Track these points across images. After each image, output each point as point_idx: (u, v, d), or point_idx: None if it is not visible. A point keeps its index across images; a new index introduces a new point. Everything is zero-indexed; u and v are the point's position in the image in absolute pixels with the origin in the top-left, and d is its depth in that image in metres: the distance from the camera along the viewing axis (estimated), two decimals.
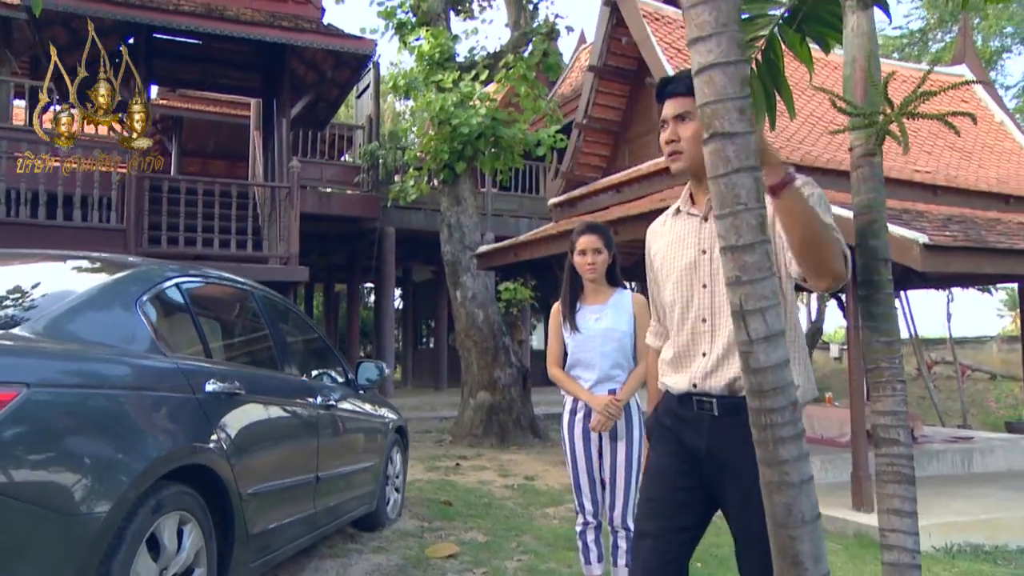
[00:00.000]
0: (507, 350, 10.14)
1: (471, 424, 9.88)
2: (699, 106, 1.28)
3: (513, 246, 8.23)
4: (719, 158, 1.26)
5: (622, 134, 8.29)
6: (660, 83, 1.97)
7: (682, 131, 1.89)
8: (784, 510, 1.25)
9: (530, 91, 10.29)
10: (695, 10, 1.26)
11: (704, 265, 1.91)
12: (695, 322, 1.91)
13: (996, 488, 6.33)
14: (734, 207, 1.25)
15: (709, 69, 1.25)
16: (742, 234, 1.25)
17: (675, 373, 1.97)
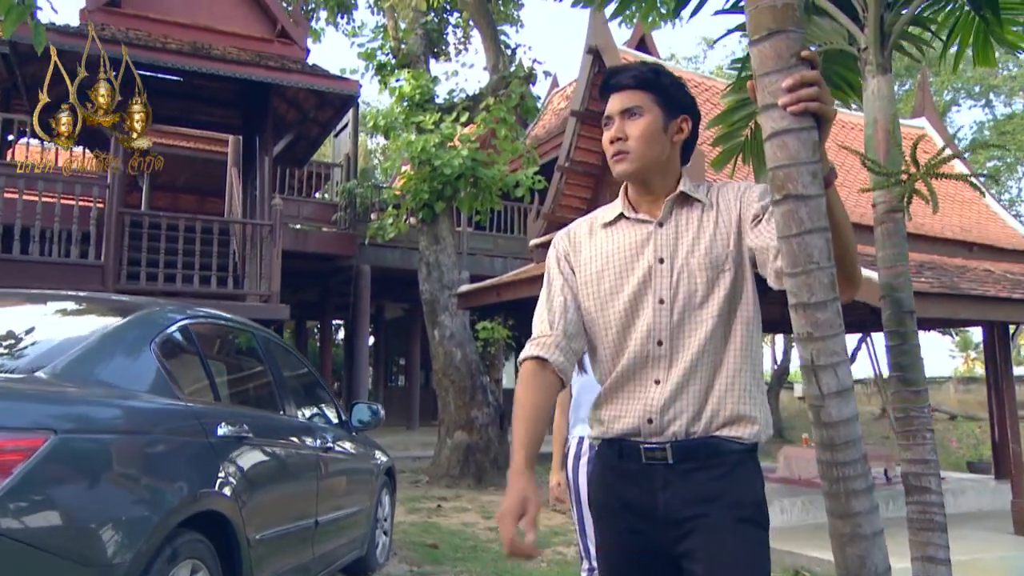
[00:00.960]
0: (484, 389, 10.09)
1: (448, 464, 9.77)
2: (772, 168, 1.33)
3: (496, 286, 8.26)
4: (792, 219, 1.31)
5: (603, 177, 8.44)
6: (606, 75, 1.68)
7: (630, 128, 1.59)
8: (858, 562, 1.28)
9: (509, 133, 10.45)
10: (768, 78, 1.32)
11: (662, 277, 1.58)
12: (645, 344, 1.57)
13: (971, 529, 6.46)
14: (807, 266, 1.30)
15: (783, 134, 1.30)
16: (815, 292, 1.30)
17: (615, 406, 1.61)
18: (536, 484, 1.53)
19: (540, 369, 1.61)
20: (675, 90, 1.63)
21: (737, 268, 1.54)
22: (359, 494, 4.46)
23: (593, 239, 1.70)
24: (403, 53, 11.13)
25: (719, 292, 1.53)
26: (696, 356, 1.52)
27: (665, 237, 1.60)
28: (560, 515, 7.28)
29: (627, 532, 1.58)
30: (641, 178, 1.62)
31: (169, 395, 2.57)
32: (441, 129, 9.92)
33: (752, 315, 1.57)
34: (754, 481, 1.51)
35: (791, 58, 1.30)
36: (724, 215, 1.58)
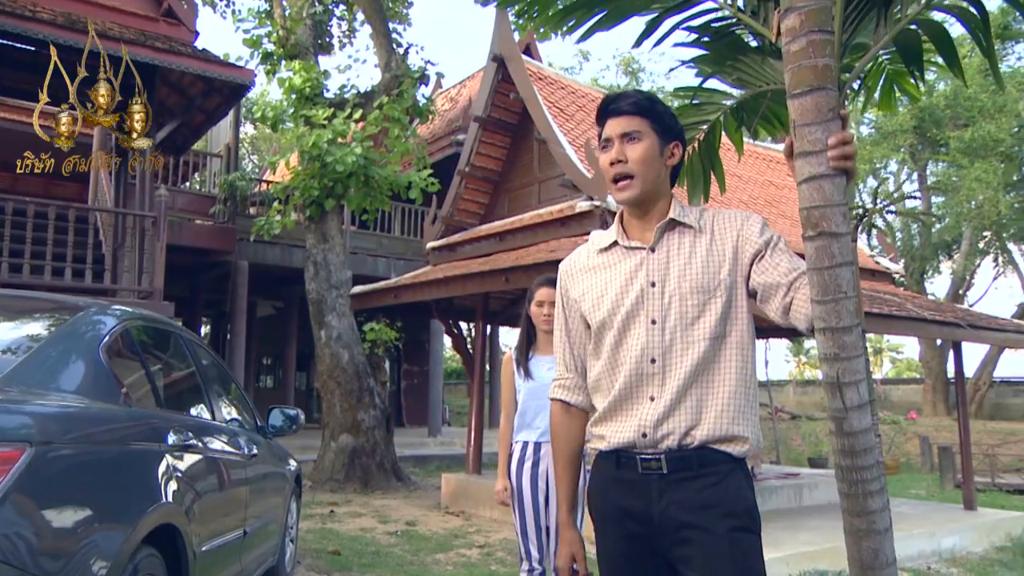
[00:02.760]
0: (371, 392, 9.96)
1: (332, 468, 9.56)
2: (807, 208, 1.51)
3: (395, 288, 8.21)
4: (825, 253, 1.49)
5: (502, 184, 8.60)
6: (604, 101, 1.80)
7: (630, 152, 1.71)
8: (871, 554, 1.48)
9: (401, 133, 10.39)
10: (807, 128, 1.49)
11: (653, 299, 1.69)
12: (640, 363, 1.68)
13: (828, 520, 7.17)
14: (836, 295, 1.48)
15: (819, 179, 1.48)
16: (842, 318, 1.48)
17: (612, 423, 1.72)
18: (416, 488, 1.69)
19: (567, 414, 1.87)
20: (668, 117, 1.78)
21: (730, 294, 1.67)
22: (276, 502, 4.33)
23: (591, 268, 1.83)
24: (291, 43, 10.78)
25: (710, 315, 1.66)
26: (689, 375, 1.64)
27: (657, 262, 1.72)
28: (456, 518, 7.36)
29: (627, 537, 1.69)
30: (640, 201, 1.74)
31: (121, 402, 2.42)
32: (334, 125, 9.70)
33: (747, 340, 1.70)
34: (745, 489, 1.65)
35: (828, 112, 1.48)
36: (718, 243, 1.71)
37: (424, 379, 15.66)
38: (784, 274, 1.64)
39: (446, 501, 7.96)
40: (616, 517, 1.71)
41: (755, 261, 1.68)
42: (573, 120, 7.85)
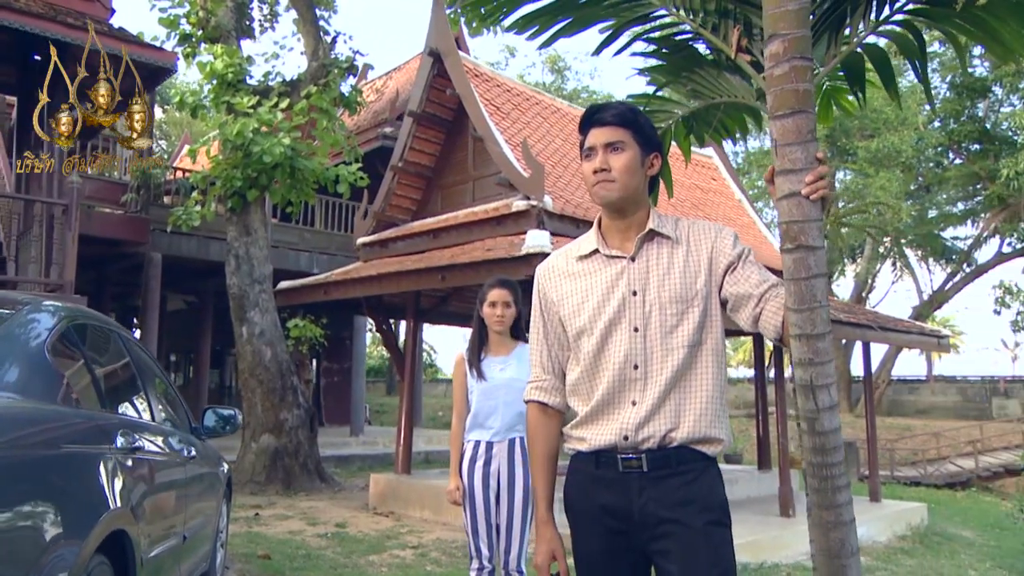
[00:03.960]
0: (295, 390, 9.77)
1: (253, 469, 9.33)
2: (787, 222, 1.63)
3: (324, 284, 8.08)
4: (802, 265, 1.61)
5: (436, 180, 8.59)
6: (589, 111, 1.86)
7: (613, 161, 1.78)
8: (839, 544, 1.61)
9: (329, 125, 10.22)
10: (789, 148, 1.61)
11: (635, 307, 1.77)
12: (623, 369, 1.76)
13: (749, 513, 7.54)
14: (811, 304, 1.61)
15: (799, 196, 1.60)
16: (816, 325, 1.61)
17: (594, 426, 1.80)
18: (340, 489, 1.75)
19: (543, 414, 1.93)
20: (649, 129, 1.87)
21: (706, 303, 1.78)
22: (210, 506, 4.23)
23: (571, 273, 1.90)
24: (212, 26, 10.42)
25: (688, 324, 1.76)
26: (669, 380, 1.74)
27: (637, 272, 1.80)
28: (386, 519, 7.33)
29: (606, 534, 1.77)
30: (620, 206, 1.81)
31: (70, 403, 2.34)
32: (259, 113, 9.45)
33: (721, 347, 1.80)
34: (718, 485, 1.78)
35: (808, 133, 1.60)
36: (694, 254, 1.81)
37: (345, 377, 15.43)
38: (755, 285, 1.75)
39: (375, 502, 7.91)
40: (595, 514, 1.78)
41: (728, 272, 1.79)
42: (509, 118, 7.94)
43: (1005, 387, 23.89)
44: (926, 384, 25.15)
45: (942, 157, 22.85)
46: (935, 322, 26.35)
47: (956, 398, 24.72)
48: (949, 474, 16.91)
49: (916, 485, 15.52)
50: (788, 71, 1.60)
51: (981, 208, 23.23)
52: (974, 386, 24.89)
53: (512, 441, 3.42)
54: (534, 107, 8.64)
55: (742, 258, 1.80)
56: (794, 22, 1.59)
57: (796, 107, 1.61)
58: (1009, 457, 17.62)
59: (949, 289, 25.22)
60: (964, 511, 11.24)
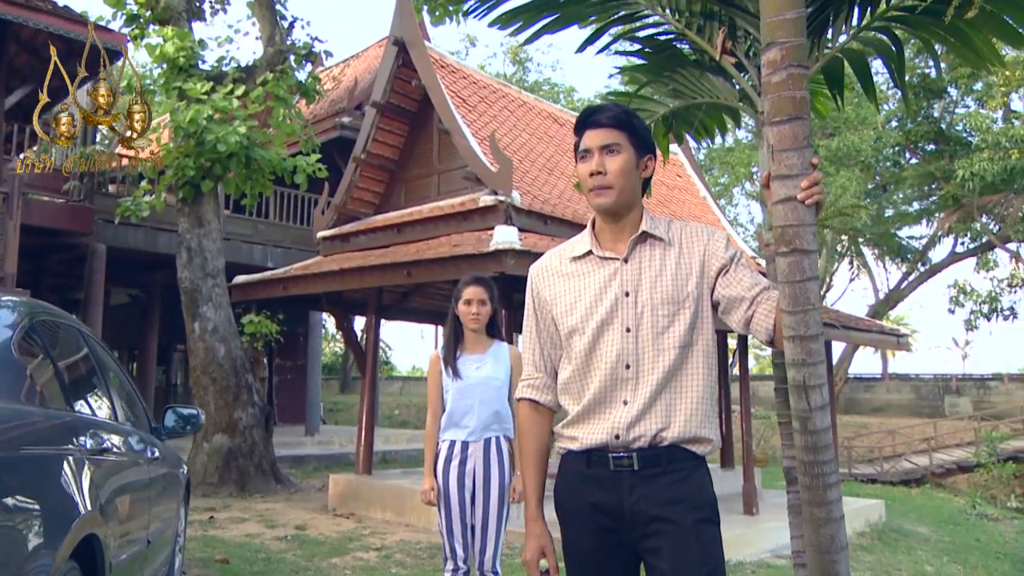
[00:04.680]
0: (250, 388, 9.65)
1: (205, 471, 9.19)
2: (782, 226, 1.70)
3: (283, 279, 8.01)
4: (796, 268, 1.69)
5: (399, 173, 8.57)
6: (584, 113, 1.92)
7: (609, 164, 1.84)
8: (828, 540, 1.70)
9: (287, 113, 10.09)
10: (785, 153, 1.68)
11: (627, 308, 1.84)
12: (615, 368, 1.83)
13: None
14: (805, 306, 1.69)
15: (794, 201, 1.68)
16: (810, 327, 1.69)
17: (586, 424, 1.86)
18: (297, 490, 1.81)
19: (535, 412, 1.99)
20: (644, 131, 1.93)
21: (697, 305, 1.85)
22: (172, 509, 4.17)
23: (565, 273, 1.96)
24: (161, 6, 10.19)
25: (680, 325, 1.83)
26: (661, 380, 1.80)
27: (630, 273, 1.87)
28: (347, 520, 7.31)
29: (596, 531, 1.83)
30: (615, 210, 1.88)
31: (38, 403, 2.30)
32: (213, 100, 9.28)
33: (711, 348, 1.88)
34: (708, 484, 1.85)
35: (804, 140, 1.68)
36: (686, 257, 1.88)
37: (299, 374, 15.27)
38: (747, 288, 1.83)
39: (334, 503, 7.87)
40: (586, 512, 1.84)
41: (720, 275, 1.86)
42: (476, 111, 7.96)
43: (957, 385, 24.82)
44: (881, 382, 25.97)
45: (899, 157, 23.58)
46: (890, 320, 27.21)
47: (910, 396, 25.59)
48: (904, 471, 17.51)
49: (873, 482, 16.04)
50: (786, 78, 1.68)
51: (936, 208, 24.05)
52: (927, 384, 25.79)
53: (488, 440, 3.46)
54: (500, 100, 8.68)
55: (734, 261, 1.87)
56: (792, 30, 1.67)
57: (793, 114, 1.68)
58: (961, 454, 18.32)
59: (904, 288, 26.07)
60: (919, 508, 11.67)
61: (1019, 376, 26.92)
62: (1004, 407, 21.75)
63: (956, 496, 15.25)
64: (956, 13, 2.01)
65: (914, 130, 22.02)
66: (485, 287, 3.51)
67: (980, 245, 23.54)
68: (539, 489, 1.95)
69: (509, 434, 3.55)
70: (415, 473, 8.89)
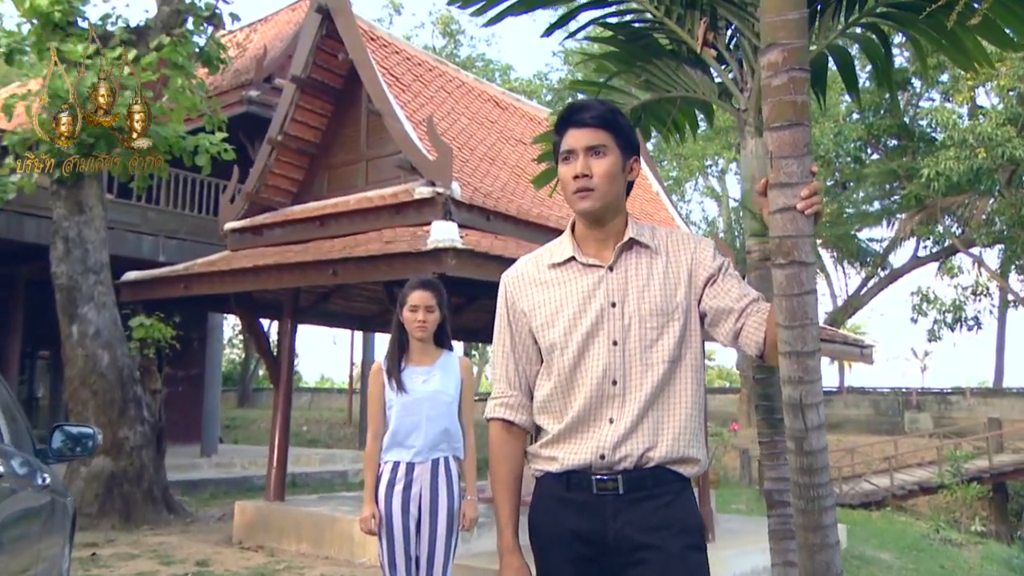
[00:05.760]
0: (139, 403, 9.41)
1: (82, 500, 8.89)
2: (779, 236, 1.83)
3: (185, 276, 7.85)
4: (795, 281, 1.82)
5: (321, 158, 8.51)
6: (567, 110, 1.99)
7: (595, 166, 1.91)
8: (824, 567, 1.83)
9: (185, 84, 9.87)
10: (785, 161, 1.81)
11: (613, 320, 1.91)
12: (600, 384, 1.89)
13: None
14: (803, 321, 1.82)
15: (793, 211, 1.80)
16: (807, 343, 1.82)
17: (567, 444, 1.92)
18: (192, 520, 1.95)
19: (508, 433, 2.04)
20: (630, 132, 2.03)
21: (686, 317, 1.95)
22: (58, 545, 4.07)
23: (543, 282, 2.02)
24: None
25: (668, 338, 1.92)
26: (649, 397, 1.90)
27: (616, 282, 1.94)
28: (256, 554, 7.22)
29: (576, 560, 1.89)
30: (600, 215, 1.95)
31: None
32: (98, 65, 9.00)
33: (700, 362, 1.98)
34: (694, 507, 1.96)
35: (804, 147, 1.81)
36: (674, 266, 1.98)
37: (194, 385, 14.90)
38: (736, 299, 1.94)
39: (241, 534, 7.76)
40: (565, 540, 1.90)
41: (707, 285, 1.97)
42: (410, 91, 7.98)
43: (917, 400, 26.06)
44: (838, 396, 27.04)
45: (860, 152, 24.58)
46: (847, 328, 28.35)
47: (868, 411, 26.74)
48: (864, 493, 18.31)
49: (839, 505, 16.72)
50: (787, 82, 1.80)
51: (898, 208, 25.15)
52: (887, 399, 26.99)
53: (436, 462, 3.52)
54: (437, 79, 8.72)
55: (722, 271, 1.98)
56: (794, 32, 1.79)
57: (793, 119, 1.81)
58: (923, 474, 19.27)
59: (864, 294, 27.21)
60: (880, 532, 12.25)
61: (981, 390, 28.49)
62: (966, 423, 22.95)
63: (918, 519, 16.05)
64: (958, 20, 2.19)
65: (876, 124, 23.00)
66: (433, 292, 3.57)
67: (943, 249, 24.75)
68: (514, 517, 2.02)
69: (459, 454, 3.62)
70: (333, 498, 8.84)
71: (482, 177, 7.72)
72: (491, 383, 2.23)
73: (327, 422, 24.43)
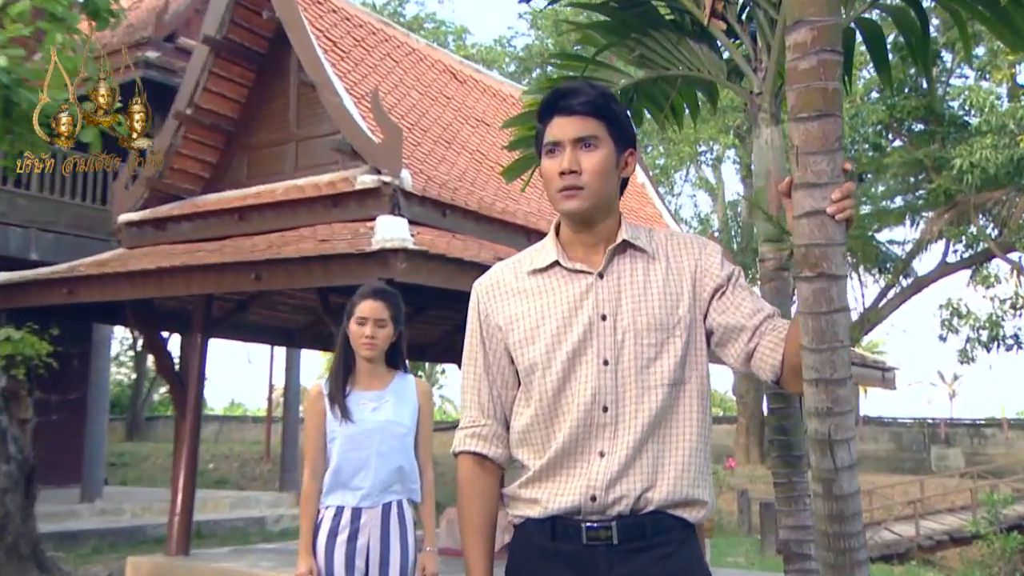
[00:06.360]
0: (3, 436, 9.26)
1: None
2: (806, 245, 1.91)
3: (68, 279, 7.76)
4: (823, 297, 1.90)
5: (241, 137, 8.51)
6: (553, 95, 2.04)
7: (585, 161, 1.96)
8: None
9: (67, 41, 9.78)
10: (814, 158, 1.90)
11: (604, 336, 1.96)
12: (590, 411, 1.93)
13: None
14: (832, 343, 1.90)
15: (822, 215, 1.89)
16: (837, 369, 1.90)
17: (551, 483, 1.96)
18: None
19: (481, 470, 2.08)
20: (625, 120, 2.11)
21: (689, 333, 2.02)
22: None
23: (521, 291, 2.08)
24: None
25: (669, 357, 1.99)
26: (646, 426, 1.95)
27: (607, 291, 2.00)
28: None
29: None
30: (589, 217, 2.02)
31: None
32: None
33: (706, 387, 2.04)
34: (700, 559, 2.02)
35: (835, 141, 1.90)
36: (675, 273, 2.06)
37: (74, 414, 14.69)
38: (748, 316, 2.02)
39: None
40: None
41: (715, 297, 2.05)
42: (350, 58, 8.01)
43: (946, 432, 26.66)
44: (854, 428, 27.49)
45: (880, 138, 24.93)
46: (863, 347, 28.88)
47: (889, 446, 27.29)
48: (885, 543, 18.61)
49: None
50: (816, 65, 1.89)
51: (923, 205, 25.50)
52: (910, 431, 27.57)
53: (387, 506, 3.57)
54: (383, 44, 8.76)
55: (731, 281, 2.07)
56: (826, 7, 1.88)
57: (823, 109, 1.89)
58: (954, 521, 19.64)
59: (884, 307, 27.61)
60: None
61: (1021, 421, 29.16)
62: (1004, 461, 23.46)
63: (949, 575, 16.37)
64: None
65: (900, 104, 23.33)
66: (387, 303, 3.62)
67: (976, 254, 25.17)
68: (487, 572, 2.06)
69: (415, 497, 3.67)
70: (249, 551, 8.80)
71: (437, 164, 7.78)
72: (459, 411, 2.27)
73: (239, 458, 24.20)
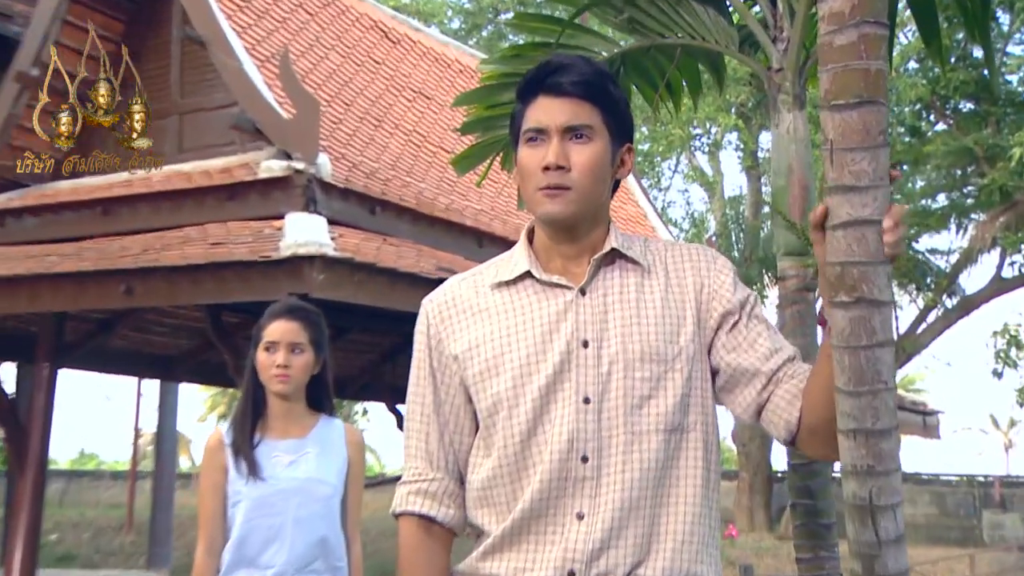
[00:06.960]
0: None
1: None
2: (842, 263, 1.97)
3: None
4: (863, 328, 1.96)
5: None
6: (539, 70, 2.07)
7: (575, 155, 2.00)
8: None
9: None
10: (852, 155, 1.95)
11: (586, 367, 1.98)
12: (566, 461, 1.95)
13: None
14: (874, 385, 1.96)
15: (863, 226, 1.94)
16: (880, 417, 1.96)
17: (516, 554, 1.99)
18: None
19: (427, 536, 2.11)
20: (625, 109, 2.17)
21: (692, 366, 2.05)
22: None
23: (482, 310, 2.10)
24: None
25: (667, 396, 2.02)
26: (637, 482, 1.97)
27: (590, 311, 2.03)
28: None
29: None
30: (573, 224, 2.06)
31: None
32: None
33: (713, 436, 2.07)
34: None
35: (879, 135, 1.96)
36: (676, 292, 2.10)
37: None
38: (763, 358, 2.07)
39: None
40: None
41: (723, 328, 2.09)
42: (252, 10, 7.98)
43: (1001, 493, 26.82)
44: None
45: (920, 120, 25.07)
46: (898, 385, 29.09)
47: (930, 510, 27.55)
48: None
49: None
50: (856, 41, 1.94)
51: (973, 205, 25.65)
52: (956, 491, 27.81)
53: None
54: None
55: (745, 309, 2.12)
56: None
57: (864, 95, 1.95)
58: None
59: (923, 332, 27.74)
60: None
61: None
62: None
63: None
64: None
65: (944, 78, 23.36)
66: (303, 322, 3.63)
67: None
68: None
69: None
70: None
71: (364, 147, 7.77)
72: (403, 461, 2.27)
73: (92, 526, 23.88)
